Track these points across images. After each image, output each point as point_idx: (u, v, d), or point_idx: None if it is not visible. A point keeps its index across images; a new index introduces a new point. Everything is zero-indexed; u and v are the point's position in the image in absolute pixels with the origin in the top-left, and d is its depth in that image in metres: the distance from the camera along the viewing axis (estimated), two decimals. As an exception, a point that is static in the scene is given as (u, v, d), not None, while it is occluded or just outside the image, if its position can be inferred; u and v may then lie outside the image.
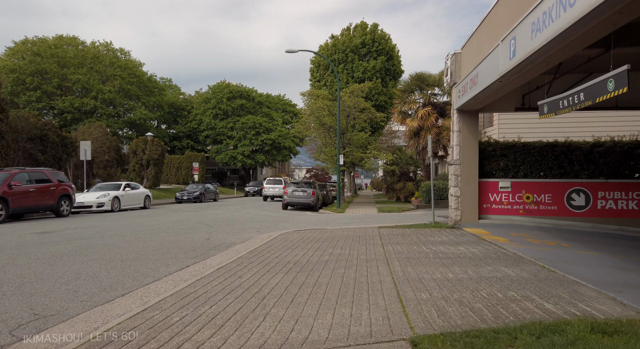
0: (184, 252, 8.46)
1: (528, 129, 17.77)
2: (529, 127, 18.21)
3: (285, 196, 22.91)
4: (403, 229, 11.90)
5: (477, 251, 7.91)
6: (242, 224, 14.48)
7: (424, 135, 21.75)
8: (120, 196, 20.02)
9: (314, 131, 28.31)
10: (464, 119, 11.65)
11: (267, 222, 15.14)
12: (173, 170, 47.96)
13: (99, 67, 51.57)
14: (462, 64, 11.37)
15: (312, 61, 36.45)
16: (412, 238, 9.88)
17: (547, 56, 6.29)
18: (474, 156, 11.64)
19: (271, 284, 5.54)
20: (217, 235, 11.35)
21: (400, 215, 17.92)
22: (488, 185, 11.90)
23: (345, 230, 11.91)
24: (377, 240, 9.68)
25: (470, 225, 11.62)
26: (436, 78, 21.62)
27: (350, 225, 13.82)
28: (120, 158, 31.03)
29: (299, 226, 13.77)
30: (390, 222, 14.63)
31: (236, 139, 58.57)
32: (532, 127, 18.18)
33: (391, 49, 35.15)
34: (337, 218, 17.07)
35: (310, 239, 10.14)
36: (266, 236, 11.17)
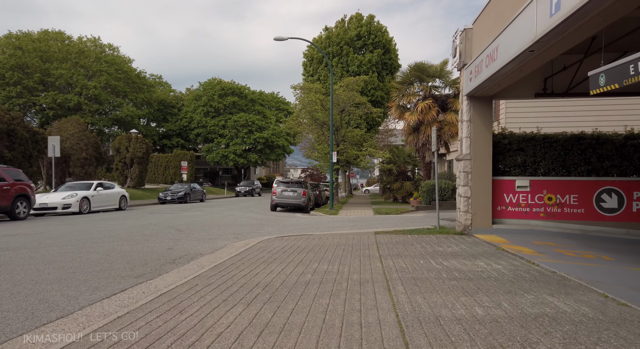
0: (131, 269, 6.68)
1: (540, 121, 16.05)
2: (540, 119, 16.50)
3: (273, 196, 21.14)
4: (404, 235, 10.18)
5: (503, 268, 6.18)
6: (220, 228, 12.71)
7: (424, 130, 20.03)
8: (91, 197, 18.18)
9: (307, 127, 26.56)
10: (476, 106, 9.93)
11: (250, 226, 13.38)
12: (161, 169, 46.06)
13: (85, 62, 49.58)
14: (474, 41, 9.65)
15: (305, 55, 34.71)
16: (416, 248, 8.15)
17: (608, 4, 4.58)
18: (487, 150, 9.93)
19: (220, 327, 3.79)
20: (184, 243, 9.57)
21: (399, 218, 16.20)
22: (503, 184, 10.19)
23: (336, 236, 10.17)
24: (373, 250, 7.94)
25: (482, 231, 9.91)
26: (437, 69, 19.90)
27: (342, 230, 12.08)
28: (100, 156, 29.13)
29: (284, 231, 12.02)
30: (388, 226, 12.90)
31: (228, 138, 56.71)
32: (545, 118, 16.52)
33: (388, 42, 33.46)
34: (328, 221, 15.34)
35: (293, 248, 8.39)
36: (242, 244, 9.41)
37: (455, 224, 12.19)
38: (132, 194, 31.21)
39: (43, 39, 48.72)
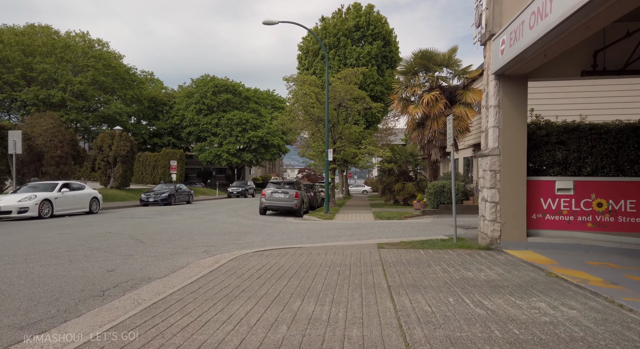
0: (23, 311, 4.59)
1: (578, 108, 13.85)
2: (578, 105, 14.34)
3: (262, 198, 19.04)
4: (415, 249, 8.11)
5: (582, 316, 4.11)
6: (192, 238, 10.61)
7: (429, 125, 17.94)
8: (53, 199, 16.02)
9: (301, 123, 24.45)
10: (507, 88, 7.87)
11: (229, 235, 11.28)
12: (149, 169, 43.87)
13: (70, 56, 47.34)
14: (506, 3, 7.58)
15: (300, 47, 32.61)
16: (436, 272, 6.08)
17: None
18: (521, 143, 7.87)
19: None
20: (135, 261, 7.48)
21: (404, 223, 14.13)
22: (539, 186, 8.13)
23: (330, 251, 8.09)
24: (379, 276, 5.86)
25: (514, 245, 7.84)
26: (445, 57, 17.83)
27: (339, 240, 10.00)
28: (78, 154, 26.95)
29: (268, 242, 9.94)
30: (392, 235, 10.84)
31: (221, 136, 54.57)
32: (586, 104, 14.40)
33: (388, 34, 31.39)
34: (323, 227, 13.26)
35: (273, 270, 6.32)
36: (210, 263, 7.34)
37: (474, 234, 10.13)
38: (114, 195, 29.09)
39: (28, 33, 46.54)
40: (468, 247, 8.16)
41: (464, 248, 8.15)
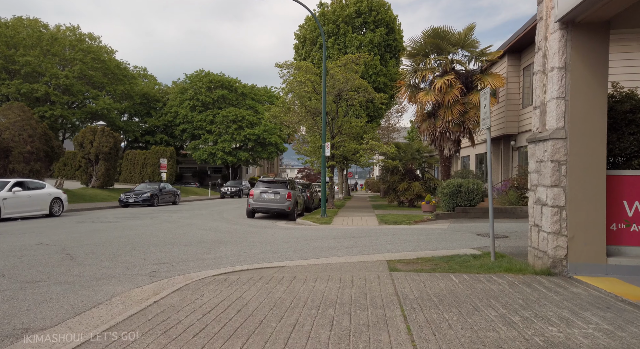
0: None
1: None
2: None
3: (250, 199, 16.61)
4: (442, 273, 5.70)
5: None
6: (145, 251, 8.20)
7: (442, 115, 15.46)
8: (1, 200, 13.61)
9: (296, 116, 22.02)
10: (579, 41, 5.45)
11: (197, 247, 8.87)
12: (137, 167, 41.46)
13: (57, 49, 44.99)
14: None
15: (297, 35, 30.21)
16: (494, 324, 3.66)
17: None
18: (598, 122, 5.46)
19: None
20: (33, 293, 5.08)
21: (415, 230, 11.70)
22: (622, 184, 5.71)
23: (321, 274, 5.68)
24: (398, 334, 3.44)
25: (589, 269, 5.42)
26: (460, 36, 15.32)
27: (335, 256, 7.59)
28: (52, 150, 24.53)
29: (242, 258, 7.54)
30: (404, 246, 8.44)
31: (216, 134, 52.16)
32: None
33: (392, 21, 28.96)
34: (317, 235, 10.85)
35: (227, 315, 3.91)
36: (144, 296, 4.98)
37: (511, 247, 7.71)
38: (94, 196, 26.71)
39: (13, 25, 44.21)
40: (518, 271, 5.73)
41: (512, 272, 5.73)
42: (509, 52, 16.66)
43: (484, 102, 6.81)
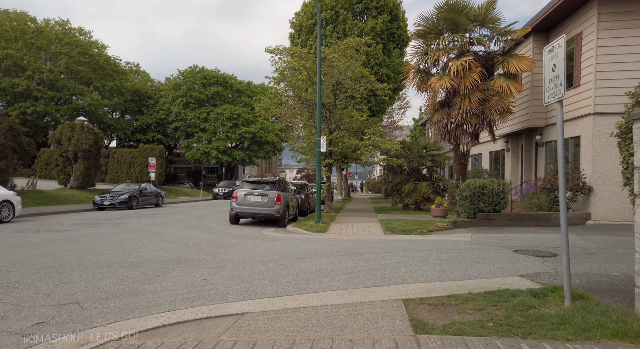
0: None
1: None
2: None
3: (233, 202, 14.26)
4: (503, 337, 3.34)
5: None
6: (58, 281, 5.88)
7: (458, 103, 13.08)
8: None
9: (289, 109, 19.69)
10: None
11: (143, 270, 6.53)
12: (124, 167, 39.07)
13: (42, 43, 42.64)
14: None
15: (292, 24, 27.90)
16: None
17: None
18: None
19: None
20: None
21: (431, 243, 9.34)
22: None
23: (299, 338, 3.30)
24: None
25: None
26: (481, 10, 12.93)
27: (326, 285, 5.24)
28: (19, 147, 22.21)
29: (195, 291, 5.21)
30: (424, 270, 6.09)
31: (210, 132, 49.78)
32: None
33: (395, 7, 26.63)
34: (307, 251, 8.50)
35: None
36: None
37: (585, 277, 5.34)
38: (70, 197, 24.37)
39: (0, 20, 41.86)
40: (636, 337, 3.38)
41: (626, 340, 3.37)
42: (535, 31, 14.33)
43: (553, 61, 4.45)
